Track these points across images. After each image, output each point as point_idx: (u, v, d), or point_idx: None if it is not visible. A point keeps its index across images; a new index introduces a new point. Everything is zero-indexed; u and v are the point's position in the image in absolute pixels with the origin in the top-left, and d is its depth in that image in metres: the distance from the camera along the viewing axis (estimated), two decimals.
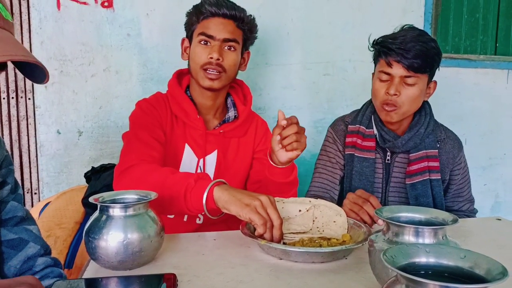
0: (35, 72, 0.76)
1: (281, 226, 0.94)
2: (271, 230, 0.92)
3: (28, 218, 0.97)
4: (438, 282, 0.45)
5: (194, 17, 1.33)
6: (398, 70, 1.27)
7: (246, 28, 1.34)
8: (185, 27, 1.39)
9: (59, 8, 1.68)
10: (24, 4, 1.68)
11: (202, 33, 1.29)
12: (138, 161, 1.13)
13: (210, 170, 1.35)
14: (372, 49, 1.37)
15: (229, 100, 1.42)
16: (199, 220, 1.35)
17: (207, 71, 1.28)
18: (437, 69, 1.34)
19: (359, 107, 1.50)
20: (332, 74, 1.97)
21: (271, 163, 1.21)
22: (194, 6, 1.35)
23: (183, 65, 1.45)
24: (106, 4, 1.72)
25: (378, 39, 1.34)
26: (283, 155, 1.16)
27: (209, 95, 1.34)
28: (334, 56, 1.96)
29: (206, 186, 0.98)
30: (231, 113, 1.40)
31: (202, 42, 1.29)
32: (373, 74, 1.41)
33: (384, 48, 1.29)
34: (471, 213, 1.48)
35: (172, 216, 1.32)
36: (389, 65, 1.28)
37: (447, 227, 0.71)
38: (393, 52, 1.26)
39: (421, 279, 0.46)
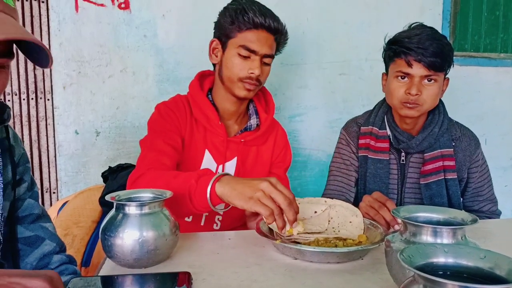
0: (40, 56, 0.76)
1: (292, 202, 0.89)
2: (281, 217, 0.89)
3: (44, 216, 0.98)
4: (457, 282, 0.44)
5: (235, 25, 1.23)
6: (418, 70, 1.25)
7: (281, 41, 1.32)
8: (216, 28, 1.30)
9: (77, 10, 1.71)
10: (43, 6, 1.72)
11: (244, 46, 1.22)
12: (146, 170, 1.11)
13: None
14: (384, 48, 1.34)
15: (251, 107, 1.39)
16: (216, 226, 1.34)
17: (245, 83, 1.25)
18: (452, 66, 1.31)
19: None
20: (348, 74, 1.96)
21: None
22: (233, 10, 1.24)
23: (199, 65, 1.45)
24: (123, 5, 1.74)
25: (392, 38, 1.31)
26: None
27: (235, 101, 1.32)
28: (350, 55, 1.94)
29: (207, 184, 0.96)
30: (253, 121, 1.37)
31: (243, 55, 1.24)
32: (383, 73, 1.39)
33: (402, 48, 1.26)
34: (493, 214, 1.42)
35: (189, 220, 1.31)
36: (409, 65, 1.25)
37: (467, 228, 0.69)
38: (413, 51, 1.23)
39: (439, 279, 0.44)
